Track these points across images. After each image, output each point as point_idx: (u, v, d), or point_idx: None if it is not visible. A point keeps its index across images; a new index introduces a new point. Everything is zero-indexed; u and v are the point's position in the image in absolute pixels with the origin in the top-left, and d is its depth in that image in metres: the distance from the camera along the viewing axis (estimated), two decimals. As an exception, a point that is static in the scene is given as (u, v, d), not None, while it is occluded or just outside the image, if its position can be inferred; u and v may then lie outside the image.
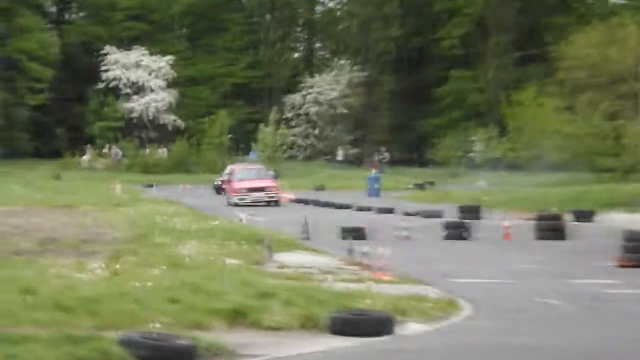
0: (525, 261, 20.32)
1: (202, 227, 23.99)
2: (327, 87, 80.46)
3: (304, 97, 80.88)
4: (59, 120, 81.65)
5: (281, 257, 19.62)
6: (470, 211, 32.40)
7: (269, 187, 41.74)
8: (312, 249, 21.66)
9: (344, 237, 23.14)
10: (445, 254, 21.79)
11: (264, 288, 13.67)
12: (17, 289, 12.94)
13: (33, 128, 79.31)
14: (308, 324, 12.15)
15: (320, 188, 55.28)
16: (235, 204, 39.94)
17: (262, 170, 45.68)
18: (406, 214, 33.03)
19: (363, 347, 11.34)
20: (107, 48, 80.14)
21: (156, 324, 11.48)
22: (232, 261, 17.97)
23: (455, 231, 25.55)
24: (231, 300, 12.68)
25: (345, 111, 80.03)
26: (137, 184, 57.36)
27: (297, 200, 43.76)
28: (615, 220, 29.47)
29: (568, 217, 29.07)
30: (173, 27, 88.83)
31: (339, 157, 75.89)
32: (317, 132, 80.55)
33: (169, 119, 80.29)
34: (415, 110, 78.53)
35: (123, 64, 79.93)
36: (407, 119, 78.81)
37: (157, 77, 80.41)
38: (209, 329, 11.68)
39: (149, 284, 13.80)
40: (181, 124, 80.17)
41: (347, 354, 11.08)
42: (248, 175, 43.51)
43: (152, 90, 79.96)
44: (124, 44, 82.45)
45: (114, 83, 79.62)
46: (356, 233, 23.49)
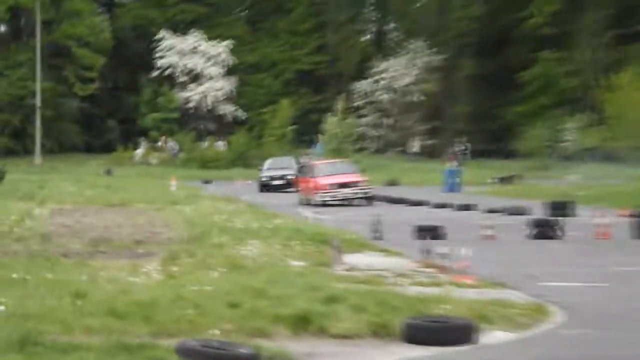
0: (622, 263, 20.04)
1: (264, 226, 24.12)
2: (400, 72, 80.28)
3: (374, 83, 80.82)
4: (110, 111, 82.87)
5: (350, 258, 19.62)
6: (561, 207, 32.04)
7: (359, 181, 40.31)
8: (384, 250, 21.63)
9: (419, 237, 23.05)
10: (532, 255, 21.61)
11: (332, 292, 13.70)
12: (67, 294, 13.18)
13: (83, 120, 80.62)
14: (380, 332, 12.15)
15: (393, 183, 55.21)
16: (320, 203, 38.68)
17: (346, 164, 44.62)
18: (489, 211, 32.87)
19: (441, 358, 11.30)
20: (162, 33, 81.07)
21: (216, 331, 11.58)
22: (296, 263, 18.04)
23: (544, 230, 25.32)
24: (296, 305, 12.72)
25: (420, 98, 79.79)
26: (194, 180, 57.93)
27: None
28: None
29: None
30: (232, 9, 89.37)
31: (414, 149, 75.68)
32: (389, 121, 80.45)
33: (228, 109, 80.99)
34: (498, 96, 77.93)
35: (179, 50, 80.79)
36: (490, 107, 78.25)
37: (215, 63, 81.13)
38: (272, 337, 11.75)
39: (208, 287, 13.93)
40: (241, 114, 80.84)
41: (423, 365, 11.07)
42: (331, 169, 41.92)
43: (210, 78, 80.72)
44: (180, 28, 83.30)
45: (169, 71, 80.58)
46: (433, 232, 23.41)
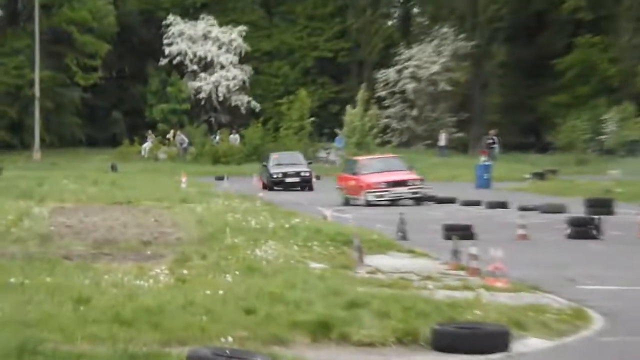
0: (667, 265, 20.06)
1: (281, 226, 24.16)
2: (427, 60, 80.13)
3: (399, 72, 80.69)
4: (115, 102, 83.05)
5: (373, 260, 19.66)
6: (601, 205, 31.97)
7: (412, 179, 39.42)
8: (409, 251, 21.67)
9: (447, 237, 23.08)
10: (570, 256, 21.60)
11: (354, 297, 13.73)
12: (68, 299, 13.24)
13: (85, 112, 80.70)
14: (406, 339, 12.17)
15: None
16: (368, 203, 37.98)
17: (396, 159, 43.74)
18: (522, 208, 32.76)
19: (472, 367, 11.32)
20: (170, 18, 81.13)
21: (229, 338, 11.62)
22: (316, 265, 18.08)
23: (582, 229, 25.31)
24: (315, 311, 12.76)
25: (448, 88, 79.65)
26: (206, 176, 58.02)
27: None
28: None
29: None
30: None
31: (442, 142, 75.48)
32: (415, 113, 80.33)
33: (242, 100, 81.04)
34: (532, 85, 77.74)
35: (188, 37, 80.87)
36: (523, 97, 78.06)
37: (228, 51, 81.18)
38: (289, 345, 11.78)
39: (221, 292, 13.98)
40: (256, 105, 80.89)
41: (453, 374, 11.10)
42: (379, 166, 41.05)
43: (222, 67, 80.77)
44: (190, 13, 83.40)
45: (178, 59, 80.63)
46: (462, 232, 23.38)
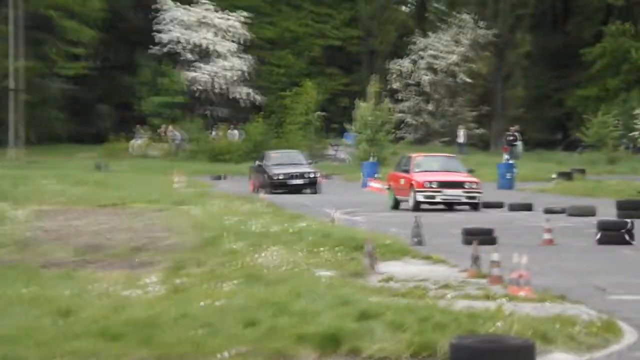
0: None
1: (286, 230, 24.14)
2: (445, 49, 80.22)
3: (414, 62, 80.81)
4: (102, 95, 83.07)
5: (387, 267, 19.63)
6: (634, 207, 31.97)
7: (469, 182, 37.88)
8: (425, 257, 21.63)
9: (467, 242, 23.06)
10: (599, 263, 21.56)
11: (365, 307, 13.70)
12: (48, 312, 13.17)
13: (68, 105, 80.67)
14: (422, 353, 12.14)
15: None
16: (417, 205, 36.70)
17: (452, 159, 43.06)
18: (548, 211, 32.86)
19: (494, 384, 11.24)
20: (162, 2, 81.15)
21: (229, 353, 11.59)
22: (324, 273, 18.05)
23: (614, 233, 25.28)
24: (323, 323, 12.73)
25: (467, 80, 79.72)
26: (203, 175, 58.03)
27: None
28: None
29: None
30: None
31: (460, 138, 75.52)
32: (431, 107, 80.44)
33: (242, 93, 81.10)
34: (558, 77, 77.91)
35: (183, 23, 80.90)
36: (549, 90, 78.25)
37: (226, 39, 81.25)
38: (295, 359, 11.76)
39: (218, 303, 13.93)
40: (258, 98, 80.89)
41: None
42: (433, 165, 40.10)
43: (220, 56, 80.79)
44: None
45: (171, 47, 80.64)
46: (483, 236, 23.36)
